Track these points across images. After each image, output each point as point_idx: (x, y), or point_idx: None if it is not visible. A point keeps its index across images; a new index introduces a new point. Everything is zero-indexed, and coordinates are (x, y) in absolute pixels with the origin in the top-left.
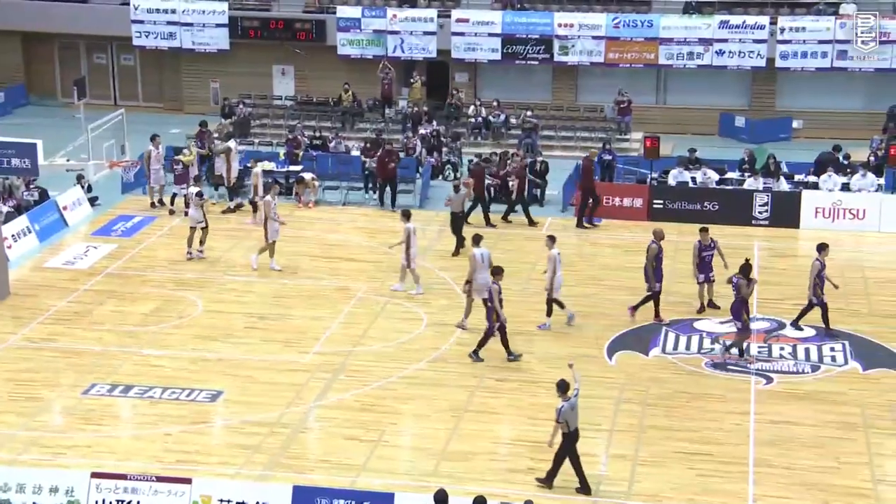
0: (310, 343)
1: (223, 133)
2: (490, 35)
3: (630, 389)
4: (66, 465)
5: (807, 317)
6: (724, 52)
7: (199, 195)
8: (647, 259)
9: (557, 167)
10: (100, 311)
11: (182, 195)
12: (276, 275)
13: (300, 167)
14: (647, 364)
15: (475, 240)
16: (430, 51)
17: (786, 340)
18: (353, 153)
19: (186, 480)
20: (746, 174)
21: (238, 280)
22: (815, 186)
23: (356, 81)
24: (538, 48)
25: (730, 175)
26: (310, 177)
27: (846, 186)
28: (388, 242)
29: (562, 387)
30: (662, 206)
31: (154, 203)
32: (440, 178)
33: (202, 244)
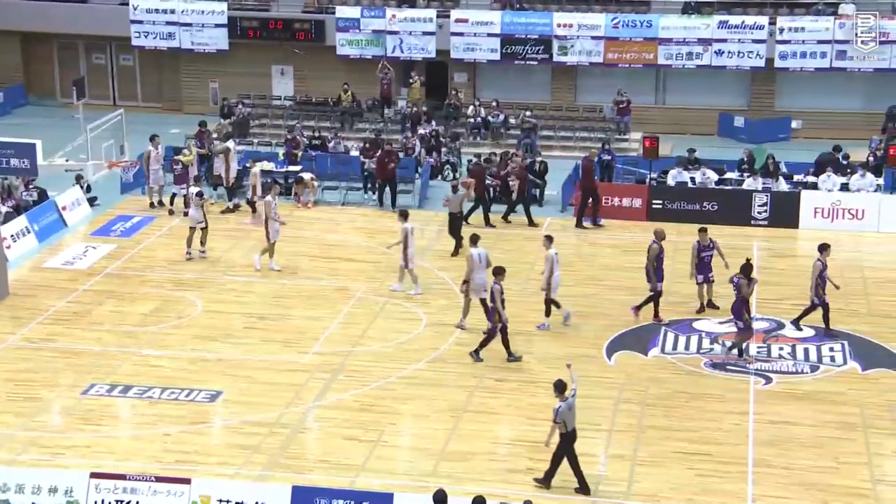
0: (309, 343)
1: (222, 133)
2: (489, 35)
3: (629, 389)
4: (66, 466)
5: (808, 317)
6: (723, 53)
7: (200, 195)
8: (649, 259)
9: (556, 167)
10: (99, 312)
11: (181, 195)
12: (276, 275)
13: (299, 167)
14: (647, 364)
15: (472, 239)
16: (430, 51)
17: (785, 341)
18: (353, 153)
19: (185, 481)
20: (745, 174)
21: (237, 280)
22: (814, 186)
23: (355, 81)
24: (537, 48)
25: (729, 175)
26: (309, 177)
27: (845, 186)
28: (387, 242)
29: (559, 387)
30: (661, 207)
31: (153, 203)
32: (439, 179)
33: (203, 244)
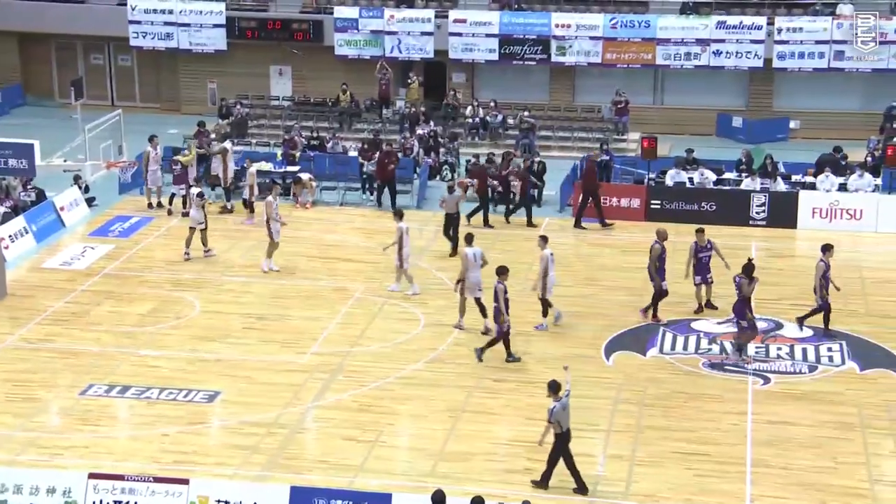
0: (307, 343)
1: (220, 133)
2: (487, 35)
3: (627, 390)
4: (64, 466)
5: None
6: (722, 53)
7: (201, 196)
8: (651, 259)
9: (555, 167)
10: (97, 312)
11: (180, 195)
12: (274, 275)
13: (297, 168)
14: (645, 364)
15: (467, 239)
16: (428, 51)
17: (783, 341)
18: (351, 154)
19: (184, 481)
20: (744, 174)
21: (236, 280)
22: (813, 187)
23: (354, 82)
24: (535, 48)
25: (727, 175)
26: (307, 177)
27: (843, 187)
28: (385, 243)
29: (553, 387)
30: (660, 207)
31: (151, 204)
32: (437, 179)
33: (206, 244)
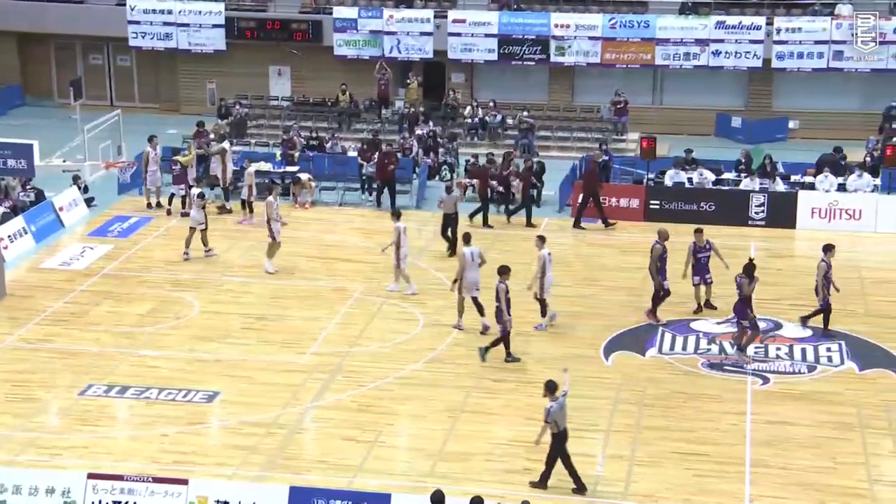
0: (307, 344)
1: (218, 133)
2: (486, 36)
3: (627, 390)
4: (63, 466)
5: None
6: (721, 53)
7: (201, 196)
8: (652, 259)
9: (554, 168)
10: (96, 312)
11: (180, 195)
12: (274, 275)
13: (296, 168)
14: (644, 364)
15: (465, 238)
16: (427, 51)
17: (782, 341)
18: (350, 154)
19: (183, 481)
20: (743, 175)
21: (235, 281)
22: (812, 187)
23: (353, 82)
24: (535, 49)
25: (726, 175)
26: (306, 177)
27: (842, 187)
28: (383, 244)
29: (550, 387)
30: (659, 207)
31: (150, 204)
32: (437, 179)
33: (206, 244)
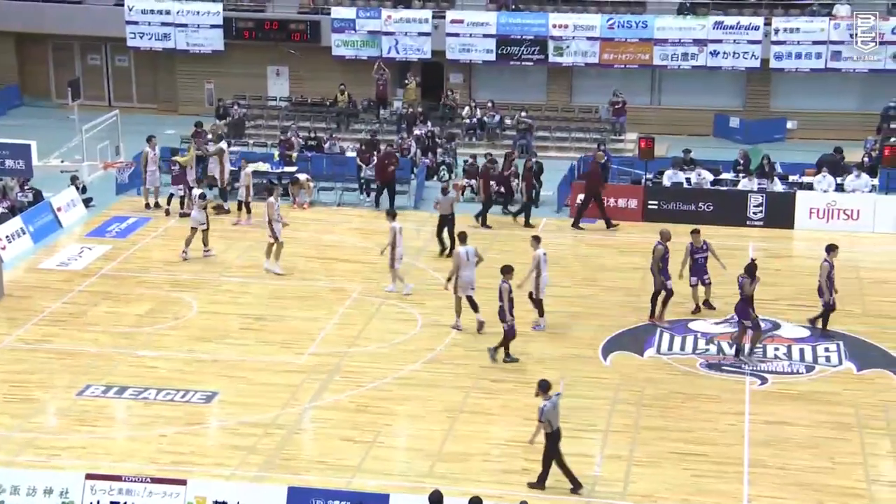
0: (305, 344)
1: (216, 134)
2: (485, 36)
3: (625, 390)
4: (61, 467)
5: (805, 316)
6: (719, 53)
7: (202, 197)
8: (654, 260)
9: (552, 168)
10: (94, 313)
11: (178, 196)
12: (271, 276)
13: (294, 168)
14: (643, 365)
15: (460, 237)
16: (425, 52)
17: (780, 341)
18: (348, 154)
19: (181, 482)
20: (741, 175)
21: (233, 281)
22: (810, 187)
23: (351, 82)
24: (533, 49)
25: (724, 176)
26: (304, 178)
27: (840, 187)
28: (381, 244)
29: (543, 386)
30: (657, 207)
31: (149, 204)
32: (435, 179)
33: (206, 244)
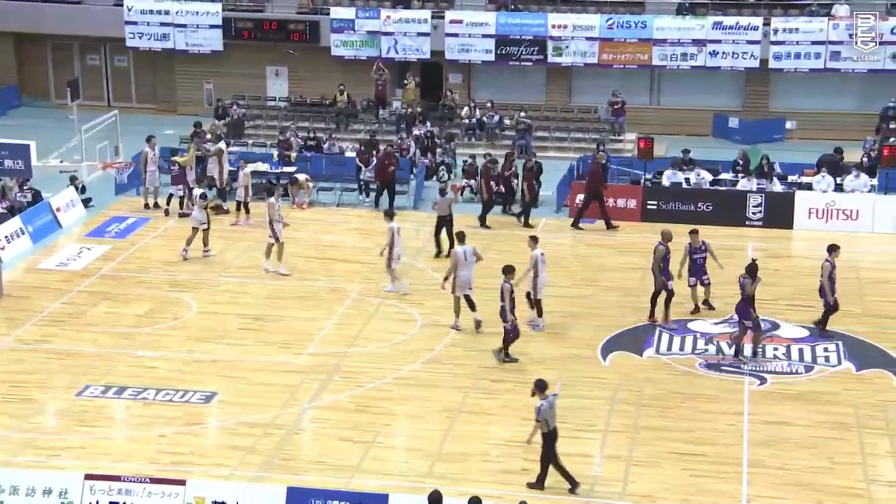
0: (304, 344)
1: (214, 134)
2: (484, 36)
3: (624, 390)
4: (61, 467)
5: (805, 316)
6: (718, 53)
7: (203, 196)
8: (655, 260)
9: (551, 168)
10: (93, 313)
11: (178, 196)
12: (271, 276)
13: (293, 168)
14: (642, 365)
15: (459, 237)
16: (424, 52)
17: (779, 341)
18: (348, 154)
19: (180, 482)
20: (740, 175)
21: (232, 281)
22: (809, 187)
23: (350, 82)
24: (532, 49)
25: (723, 176)
26: (304, 178)
27: (839, 187)
28: (381, 244)
29: (539, 386)
30: (656, 207)
31: (148, 204)
32: (434, 179)
33: (206, 244)
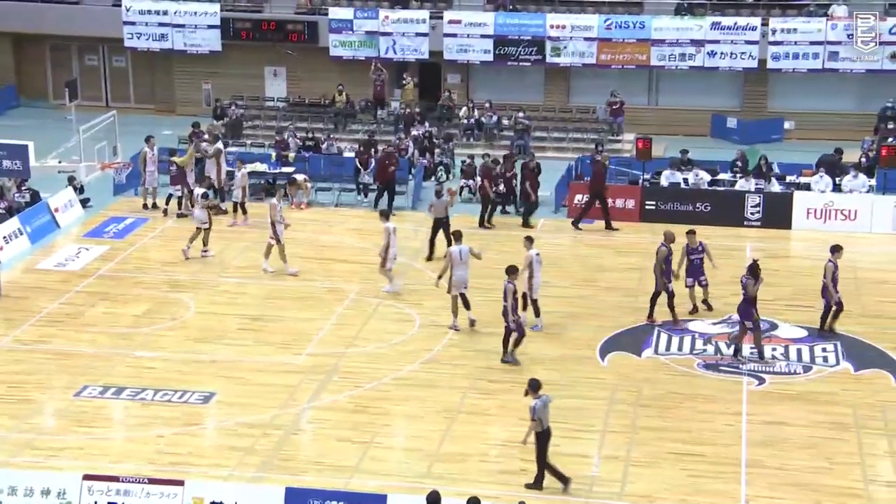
0: (303, 344)
1: (212, 134)
2: (482, 36)
3: (623, 390)
4: (59, 468)
5: (803, 317)
6: (716, 54)
7: (205, 196)
8: (657, 261)
9: (550, 168)
10: (92, 313)
11: (176, 196)
12: (269, 276)
13: (292, 169)
14: (640, 365)
15: (455, 236)
16: (423, 52)
17: (778, 341)
18: (346, 154)
19: (179, 482)
20: (738, 175)
21: (231, 281)
22: (807, 187)
23: (348, 83)
24: (530, 49)
25: (722, 176)
26: (302, 178)
27: (838, 187)
28: (379, 245)
29: (533, 385)
30: (654, 208)
31: (146, 205)
32: (432, 180)
33: (206, 245)
